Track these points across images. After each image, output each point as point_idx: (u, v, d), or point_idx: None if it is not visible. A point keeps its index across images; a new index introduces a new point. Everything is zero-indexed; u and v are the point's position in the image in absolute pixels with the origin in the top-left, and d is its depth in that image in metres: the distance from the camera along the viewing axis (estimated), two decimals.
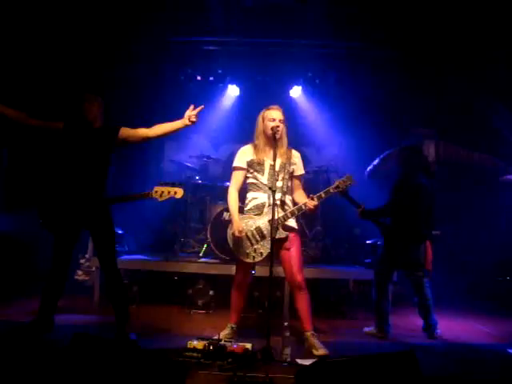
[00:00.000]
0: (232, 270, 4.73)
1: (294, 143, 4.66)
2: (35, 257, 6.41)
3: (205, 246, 6.51)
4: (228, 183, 4.71)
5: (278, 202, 4.31)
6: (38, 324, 4.38)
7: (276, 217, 4.10)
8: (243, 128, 7.42)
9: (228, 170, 6.73)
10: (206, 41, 7.28)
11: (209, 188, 7.19)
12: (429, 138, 7.35)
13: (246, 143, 4.62)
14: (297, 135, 6.43)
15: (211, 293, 5.99)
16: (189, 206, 7.16)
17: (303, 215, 4.82)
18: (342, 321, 5.91)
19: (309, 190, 4.58)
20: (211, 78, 8.01)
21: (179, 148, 8.36)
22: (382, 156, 7.08)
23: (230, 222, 4.55)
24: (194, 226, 7.19)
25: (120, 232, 6.39)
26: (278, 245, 4.27)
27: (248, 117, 5.14)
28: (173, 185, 4.36)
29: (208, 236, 6.44)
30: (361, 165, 7.30)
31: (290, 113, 5.65)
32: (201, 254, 6.45)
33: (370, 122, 7.52)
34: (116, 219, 4.51)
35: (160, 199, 4.33)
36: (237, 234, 4.30)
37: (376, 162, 7.05)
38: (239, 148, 4.62)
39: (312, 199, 4.29)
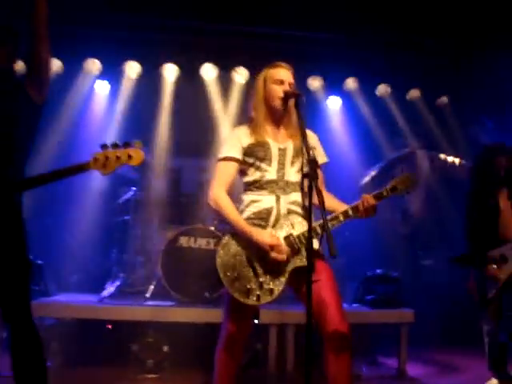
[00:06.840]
0: (195, 315, 4.12)
1: None
2: None
3: (153, 283, 5.03)
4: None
5: (297, 208, 2.86)
6: None
7: (298, 231, 2.73)
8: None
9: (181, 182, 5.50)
10: None
11: (156, 206, 5.60)
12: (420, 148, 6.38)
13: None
14: None
15: (165, 349, 4.60)
16: (129, 229, 5.58)
17: None
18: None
19: None
20: None
21: None
22: (383, 164, 5.92)
23: (188, 249, 3.13)
24: (136, 257, 5.59)
25: (36, 262, 4.79)
26: (296, 277, 2.76)
27: None
28: (124, 145, 2.61)
29: (159, 270, 4.90)
30: None
31: None
32: (148, 295, 4.94)
33: None
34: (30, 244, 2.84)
35: (105, 172, 2.61)
36: (274, 241, 2.71)
37: (374, 172, 5.84)
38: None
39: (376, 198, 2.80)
